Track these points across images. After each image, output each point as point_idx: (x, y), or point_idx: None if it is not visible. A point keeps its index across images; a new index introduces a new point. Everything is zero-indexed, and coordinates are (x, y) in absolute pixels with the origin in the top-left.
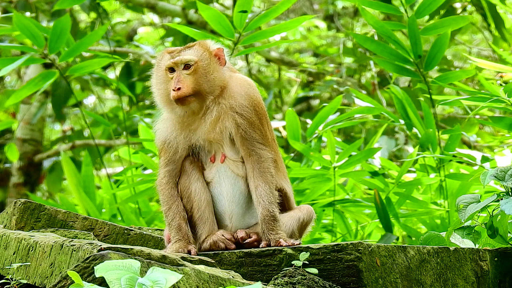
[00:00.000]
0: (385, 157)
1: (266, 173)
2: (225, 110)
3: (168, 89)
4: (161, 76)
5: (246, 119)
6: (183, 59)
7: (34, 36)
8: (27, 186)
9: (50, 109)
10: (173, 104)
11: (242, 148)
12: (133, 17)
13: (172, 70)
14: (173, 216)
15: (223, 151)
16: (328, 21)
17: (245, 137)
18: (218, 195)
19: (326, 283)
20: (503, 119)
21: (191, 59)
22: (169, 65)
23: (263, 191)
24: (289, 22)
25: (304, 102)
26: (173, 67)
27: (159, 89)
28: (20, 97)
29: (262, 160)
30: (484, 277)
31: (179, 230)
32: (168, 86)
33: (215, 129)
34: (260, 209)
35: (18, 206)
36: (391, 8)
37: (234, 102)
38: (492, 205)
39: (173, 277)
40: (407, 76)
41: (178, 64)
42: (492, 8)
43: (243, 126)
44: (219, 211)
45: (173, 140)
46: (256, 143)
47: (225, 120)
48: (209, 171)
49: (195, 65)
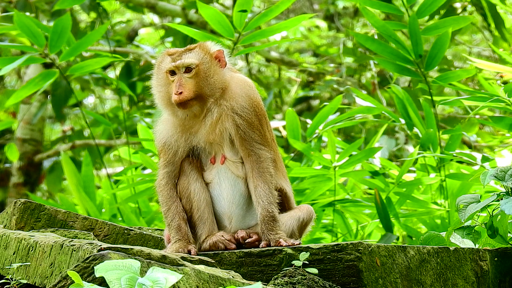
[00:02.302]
0: (385, 157)
1: (265, 173)
2: (226, 112)
3: (169, 92)
4: (162, 78)
5: (246, 120)
6: (184, 63)
7: (34, 35)
8: (27, 186)
9: (50, 109)
10: (174, 107)
11: (241, 148)
12: (133, 17)
13: (173, 73)
14: (172, 216)
15: (223, 152)
16: (328, 21)
17: (244, 138)
18: (218, 196)
19: (326, 283)
20: (503, 119)
21: (192, 62)
22: (170, 68)
23: (262, 191)
24: (288, 21)
25: (304, 102)
26: (174, 70)
27: (160, 91)
28: (20, 97)
29: (261, 160)
30: (484, 277)
31: (179, 230)
32: (169, 89)
33: (215, 130)
34: (260, 209)
35: (18, 206)
36: (392, 8)
37: (235, 104)
38: (492, 205)
39: (173, 277)
40: (407, 75)
41: (179, 68)
42: (492, 8)
43: (242, 127)
44: (218, 213)
45: (173, 143)
46: (255, 144)
47: (225, 121)
48: (209, 173)
49: (196, 68)
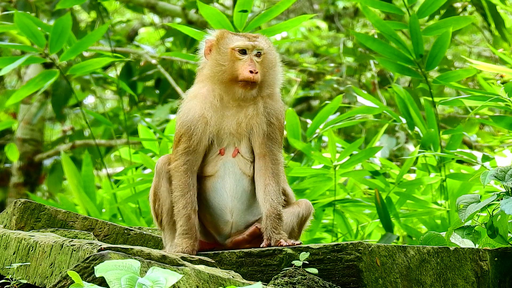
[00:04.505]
0: (385, 156)
1: (278, 175)
2: (268, 108)
3: (235, 69)
4: (227, 54)
5: (279, 122)
6: (259, 45)
7: (34, 35)
8: (27, 186)
9: (50, 110)
10: (234, 85)
11: (261, 146)
12: (133, 17)
13: (244, 52)
14: (185, 204)
15: (238, 146)
16: (328, 21)
17: (271, 137)
18: (220, 189)
19: (326, 283)
20: (504, 118)
21: (264, 47)
22: (245, 46)
23: (273, 190)
24: (289, 22)
25: (304, 102)
26: (246, 50)
27: (222, 65)
28: (20, 97)
29: (277, 162)
30: (484, 277)
31: (188, 219)
32: (236, 65)
33: (249, 121)
34: (268, 205)
35: (18, 206)
36: (393, 8)
37: (277, 105)
38: (492, 205)
39: (173, 277)
40: (408, 75)
41: (253, 49)
42: (492, 8)
43: (274, 126)
44: (219, 206)
45: (197, 119)
46: (276, 145)
47: (261, 117)
48: (214, 164)
49: (264, 55)
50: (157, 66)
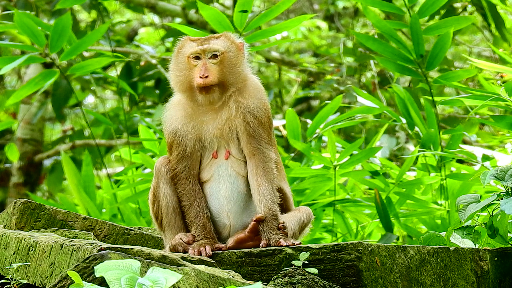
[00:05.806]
0: (386, 156)
1: (269, 173)
2: (241, 108)
3: (191, 76)
4: (183, 62)
5: (258, 119)
6: (212, 48)
7: (34, 34)
8: (27, 186)
9: (50, 110)
10: (195, 92)
11: (248, 146)
12: (133, 17)
13: (197, 58)
14: (196, 213)
15: (228, 148)
16: (328, 21)
17: (253, 135)
18: (216, 193)
19: (326, 283)
20: (504, 118)
21: (219, 49)
22: (196, 51)
23: (266, 190)
24: (289, 22)
25: (304, 102)
26: (199, 55)
27: (179, 75)
28: (20, 97)
29: (267, 160)
30: (484, 277)
31: (204, 229)
32: (191, 73)
33: (227, 124)
34: (262, 207)
35: (18, 206)
36: (393, 8)
37: (252, 103)
38: (492, 205)
39: (173, 277)
40: (408, 75)
41: (206, 52)
42: (492, 8)
43: (252, 124)
44: (216, 210)
45: (184, 131)
46: (263, 142)
47: (237, 117)
48: (208, 169)
49: (222, 55)
50: (157, 66)
